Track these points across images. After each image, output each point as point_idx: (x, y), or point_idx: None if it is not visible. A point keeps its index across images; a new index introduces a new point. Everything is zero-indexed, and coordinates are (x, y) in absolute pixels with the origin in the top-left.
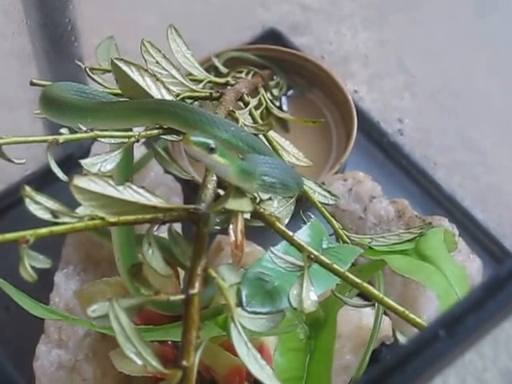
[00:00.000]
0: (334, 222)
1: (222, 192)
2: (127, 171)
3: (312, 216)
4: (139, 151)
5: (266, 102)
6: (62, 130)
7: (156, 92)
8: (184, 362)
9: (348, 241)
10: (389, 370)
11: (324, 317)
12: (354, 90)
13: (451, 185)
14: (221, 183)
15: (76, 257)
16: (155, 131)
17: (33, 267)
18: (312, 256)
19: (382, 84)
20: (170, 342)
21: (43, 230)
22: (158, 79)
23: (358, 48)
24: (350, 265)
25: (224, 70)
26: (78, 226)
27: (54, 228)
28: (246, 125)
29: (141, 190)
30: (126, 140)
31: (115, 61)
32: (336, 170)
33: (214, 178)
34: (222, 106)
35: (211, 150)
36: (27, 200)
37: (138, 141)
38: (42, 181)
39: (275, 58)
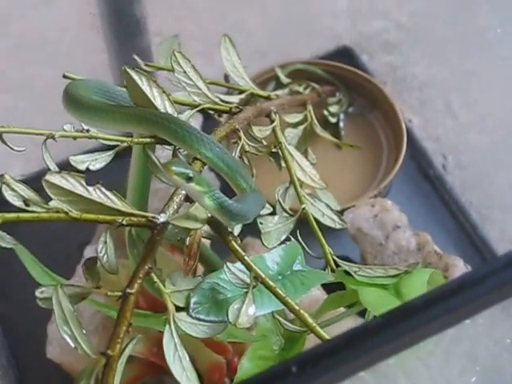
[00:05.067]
0: (326, 246)
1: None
2: (143, 190)
3: (291, 238)
4: None
5: (312, 119)
6: (65, 127)
7: (160, 103)
8: (109, 351)
9: (334, 266)
10: None
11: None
12: (409, 119)
13: (487, 228)
14: (188, 198)
15: None
16: (148, 139)
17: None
18: (258, 277)
19: (438, 118)
20: None
21: (11, 215)
22: (164, 91)
23: (422, 79)
24: (309, 290)
25: (285, 80)
26: (43, 216)
27: (22, 214)
28: (248, 144)
29: (108, 193)
30: (119, 143)
31: (127, 69)
32: (375, 194)
33: (183, 192)
34: (228, 123)
35: (189, 179)
36: (4, 186)
37: (130, 146)
38: None
39: (341, 76)
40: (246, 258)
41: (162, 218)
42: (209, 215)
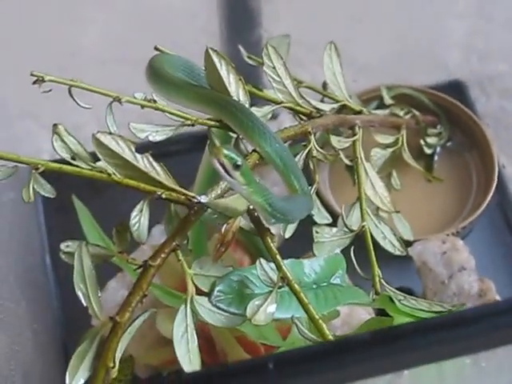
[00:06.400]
0: (376, 268)
1: None
2: (211, 178)
3: (338, 252)
4: None
5: (403, 143)
6: (136, 95)
7: (234, 90)
8: (117, 318)
9: (379, 290)
10: None
11: None
12: (503, 165)
13: None
14: None
15: None
16: (212, 122)
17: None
18: (285, 279)
19: None
20: None
21: (54, 165)
22: (240, 79)
23: None
24: (338, 306)
25: (388, 101)
26: (85, 173)
27: (64, 166)
28: (317, 149)
29: (155, 164)
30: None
31: (210, 51)
32: (453, 232)
33: None
34: (300, 124)
35: (236, 167)
36: (55, 136)
37: (192, 125)
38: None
39: (446, 108)
40: (278, 257)
41: (200, 199)
42: (251, 207)
